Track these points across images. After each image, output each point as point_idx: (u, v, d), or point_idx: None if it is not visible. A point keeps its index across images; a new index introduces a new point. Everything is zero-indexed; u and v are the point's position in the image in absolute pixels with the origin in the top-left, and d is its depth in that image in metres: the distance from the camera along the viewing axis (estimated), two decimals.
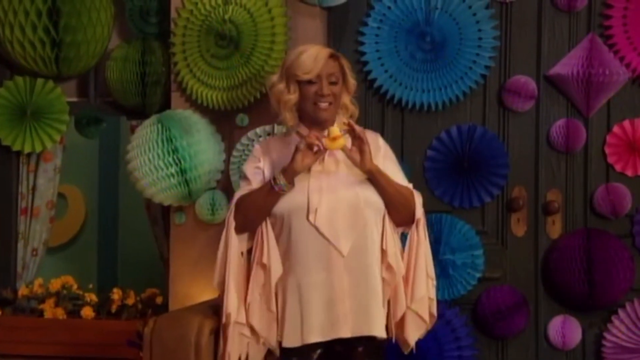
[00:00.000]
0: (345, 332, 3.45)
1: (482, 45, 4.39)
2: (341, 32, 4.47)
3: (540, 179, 4.43)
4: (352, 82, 3.62)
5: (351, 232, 3.44)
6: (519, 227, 4.45)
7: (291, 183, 3.42)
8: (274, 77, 3.61)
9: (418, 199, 3.59)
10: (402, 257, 3.59)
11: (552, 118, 4.41)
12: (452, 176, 4.45)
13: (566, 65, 4.35)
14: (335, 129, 3.38)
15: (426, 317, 3.61)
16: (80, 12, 4.64)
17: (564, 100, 4.40)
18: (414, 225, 3.59)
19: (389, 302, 3.59)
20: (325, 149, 3.40)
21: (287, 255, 3.48)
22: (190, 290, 4.48)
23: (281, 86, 3.55)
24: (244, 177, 3.62)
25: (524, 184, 4.44)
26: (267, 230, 3.50)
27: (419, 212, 3.58)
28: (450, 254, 4.39)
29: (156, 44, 4.68)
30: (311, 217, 3.42)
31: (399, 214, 3.55)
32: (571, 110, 4.40)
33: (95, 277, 6.04)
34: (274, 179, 3.43)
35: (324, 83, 3.50)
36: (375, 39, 4.44)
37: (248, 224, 3.51)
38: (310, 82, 3.50)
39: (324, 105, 3.51)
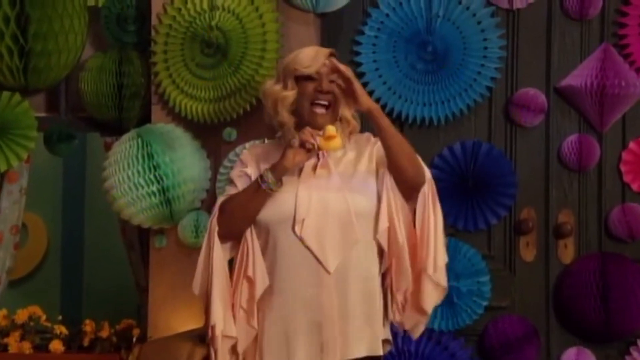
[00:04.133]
0: (334, 358, 3.31)
1: (487, 55, 4.32)
2: (336, 41, 4.35)
3: (551, 199, 4.34)
4: None
5: (340, 249, 3.33)
6: (528, 252, 4.35)
7: (280, 181, 3.34)
8: (269, 82, 3.56)
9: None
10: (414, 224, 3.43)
11: (563, 133, 4.34)
12: (456, 196, 4.33)
13: (578, 77, 4.29)
14: (332, 128, 3.31)
15: (444, 284, 3.48)
16: (51, 19, 4.41)
17: (575, 114, 4.34)
18: (425, 186, 3.42)
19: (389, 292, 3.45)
20: (319, 149, 3.32)
21: (272, 270, 3.37)
22: (171, 320, 4.29)
23: (278, 86, 3.49)
24: (230, 181, 3.54)
25: (534, 205, 4.35)
26: (252, 240, 3.40)
27: (428, 173, 3.44)
28: (454, 281, 4.21)
29: (134, 53, 4.51)
30: (297, 228, 3.32)
31: (404, 171, 3.36)
32: (584, 125, 4.33)
33: (58, 312, 5.76)
34: (262, 176, 3.34)
35: (324, 80, 3.42)
36: (373, 48, 4.35)
37: (232, 229, 3.40)
38: (309, 78, 3.43)
39: (320, 110, 3.42)
